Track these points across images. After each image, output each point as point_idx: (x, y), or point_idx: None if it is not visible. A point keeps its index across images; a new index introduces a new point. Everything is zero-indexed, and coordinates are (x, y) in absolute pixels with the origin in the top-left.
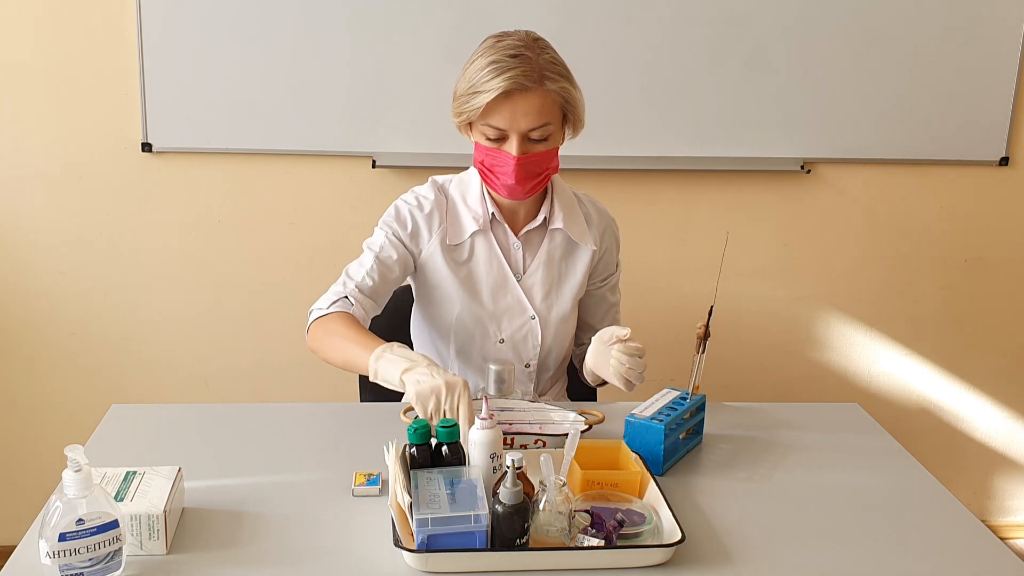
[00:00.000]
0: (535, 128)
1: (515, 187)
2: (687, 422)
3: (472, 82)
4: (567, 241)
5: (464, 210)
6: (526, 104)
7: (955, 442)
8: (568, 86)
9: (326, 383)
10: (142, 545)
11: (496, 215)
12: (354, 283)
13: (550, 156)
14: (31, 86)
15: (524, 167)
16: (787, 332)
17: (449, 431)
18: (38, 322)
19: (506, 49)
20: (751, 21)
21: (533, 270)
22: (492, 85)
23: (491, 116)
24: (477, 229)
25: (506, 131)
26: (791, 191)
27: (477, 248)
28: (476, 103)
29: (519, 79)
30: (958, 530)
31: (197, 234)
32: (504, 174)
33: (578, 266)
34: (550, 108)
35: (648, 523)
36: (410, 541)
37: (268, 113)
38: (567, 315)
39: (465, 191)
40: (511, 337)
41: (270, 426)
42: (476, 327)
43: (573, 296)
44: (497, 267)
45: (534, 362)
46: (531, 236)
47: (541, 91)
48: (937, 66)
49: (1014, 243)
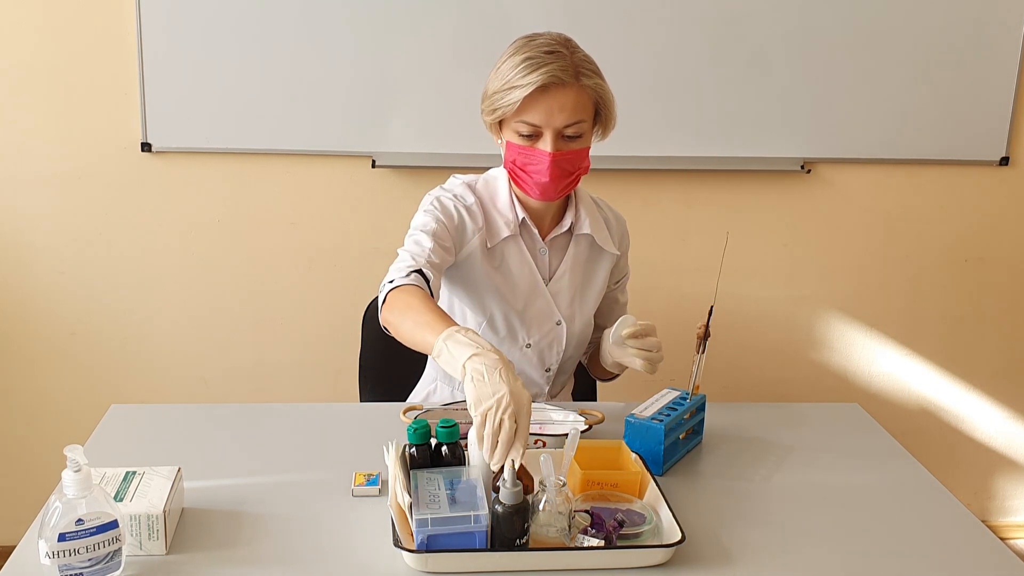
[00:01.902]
0: (570, 124)
1: (548, 185)
2: (687, 422)
3: (507, 79)
4: (591, 246)
5: (496, 213)
6: (562, 99)
7: (955, 442)
8: (602, 83)
9: (326, 383)
10: (142, 545)
11: (527, 220)
12: (424, 257)
13: (583, 155)
14: (31, 86)
15: (558, 164)
16: (787, 332)
17: (449, 431)
18: (38, 322)
19: (540, 47)
20: (752, 21)
21: (560, 276)
22: (529, 80)
23: (526, 112)
24: (509, 234)
25: (540, 128)
26: (791, 191)
27: (509, 252)
28: (512, 98)
29: (556, 73)
30: (958, 530)
31: (197, 234)
32: (538, 172)
33: (600, 271)
34: (584, 105)
35: (648, 523)
36: (410, 541)
37: (268, 113)
38: (590, 320)
39: (493, 194)
40: (537, 343)
41: (270, 426)
42: (507, 331)
43: (595, 301)
44: (528, 272)
45: (555, 367)
46: (557, 241)
47: (577, 87)
48: (937, 66)
49: (1014, 243)
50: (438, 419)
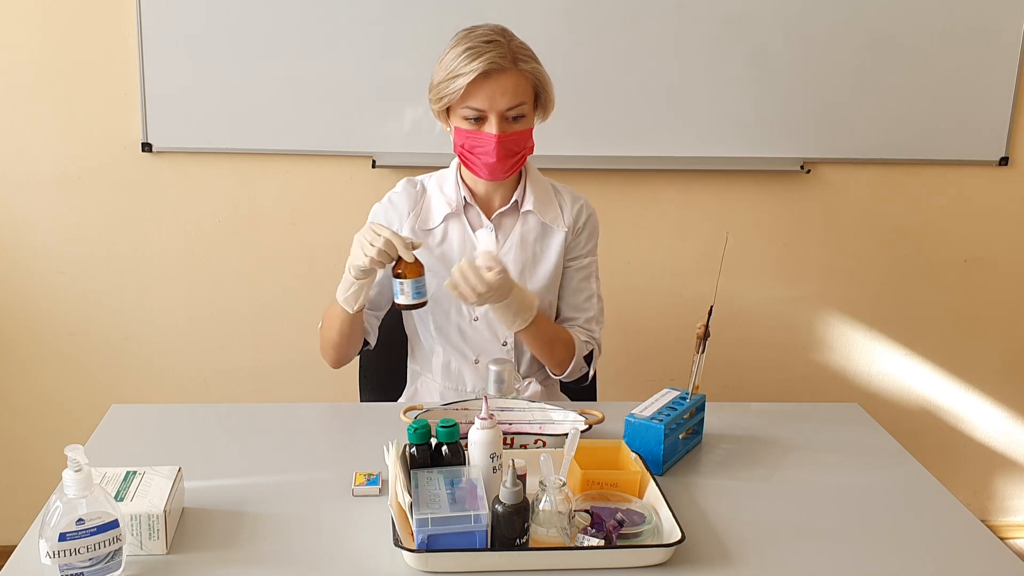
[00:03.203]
0: (512, 107)
1: (496, 165)
2: (687, 422)
3: (450, 68)
4: (540, 224)
5: (439, 198)
6: (504, 83)
7: (955, 442)
8: (539, 67)
9: (326, 383)
10: (142, 545)
11: (468, 199)
12: None
13: (527, 135)
14: (32, 87)
15: (504, 145)
16: (787, 332)
17: (449, 431)
18: (38, 323)
19: (480, 37)
20: (751, 21)
21: (505, 251)
22: (471, 67)
23: (471, 98)
24: (450, 212)
25: (485, 111)
26: (791, 191)
27: (451, 232)
28: (456, 86)
29: (496, 60)
30: (958, 530)
31: (197, 234)
32: (485, 154)
33: (552, 248)
34: (524, 88)
35: (648, 523)
36: (410, 541)
37: (268, 113)
38: (541, 295)
39: (442, 182)
40: (485, 315)
41: (270, 426)
42: (451, 305)
43: (547, 277)
44: (470, 248)
45: (510, 340)
46: (504, 219)
47: (516, 71)
48: (937, 66)
49: (1014, 243)
50: (438, 419)
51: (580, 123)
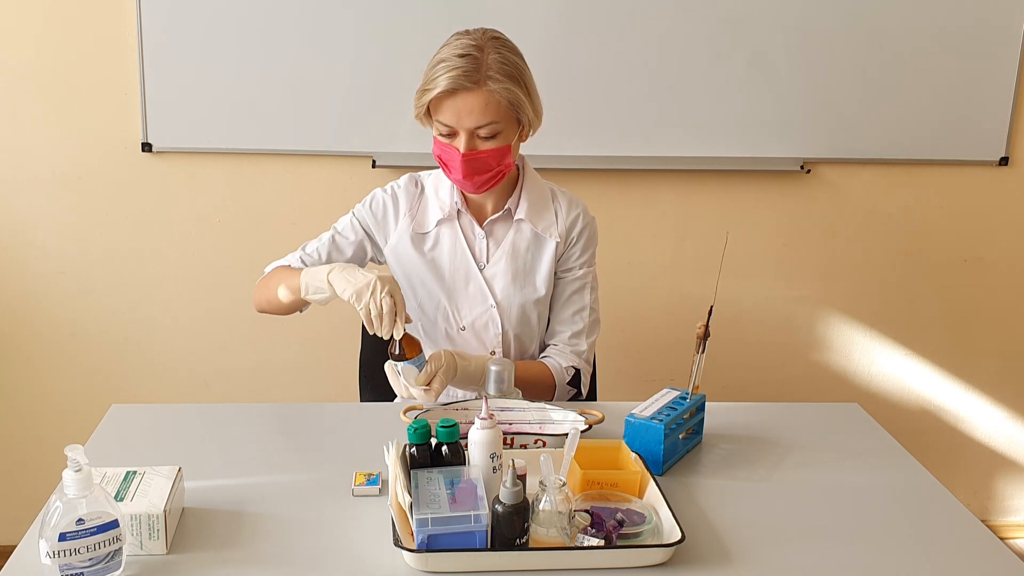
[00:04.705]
0: (480, 127)
1: (464, 182)
2: (687, 422)
3: (425, 79)
4: (534, 233)
5: (434, 201)
6: (470, 103)
7: (955, 442)
8: (513, 87)
9: (326, 383)
10: (142, 545)
11: (461, 206)
12: (301, 253)
13: (500, 153)
14: (32, 86)
15: (470, 163)
16: (787, 332)
17: (449, 431)
18: (38, 323)
19: (456, 49)
20: (751, 21)
21: (496, 260)
22: (438, 84)
23: (439, 113)
24: (443, 217)
25: (454, 127)
26: (791, 191)
27: (443, 237)
28: (424, 100)
29: (459, 80)
30: (958, 530)
31: (197, 234)
32: (454, 169)
33: (544, 258)
34: (495, 108)
35: (648, 523)
36: (410, 541)
37: (268, 113)
38: (531, 305)
39: (438, 183)
40: (472, 324)
41: (270, 426)
42: (438, 313)
43: (542, 285)
44: (461, 255)
45: (498, 350)
46: (496, 227)
47: (484, 91)
48: (937, 66)
49: (1014, 243)
50: (438, 419)
51: (580, 123)
